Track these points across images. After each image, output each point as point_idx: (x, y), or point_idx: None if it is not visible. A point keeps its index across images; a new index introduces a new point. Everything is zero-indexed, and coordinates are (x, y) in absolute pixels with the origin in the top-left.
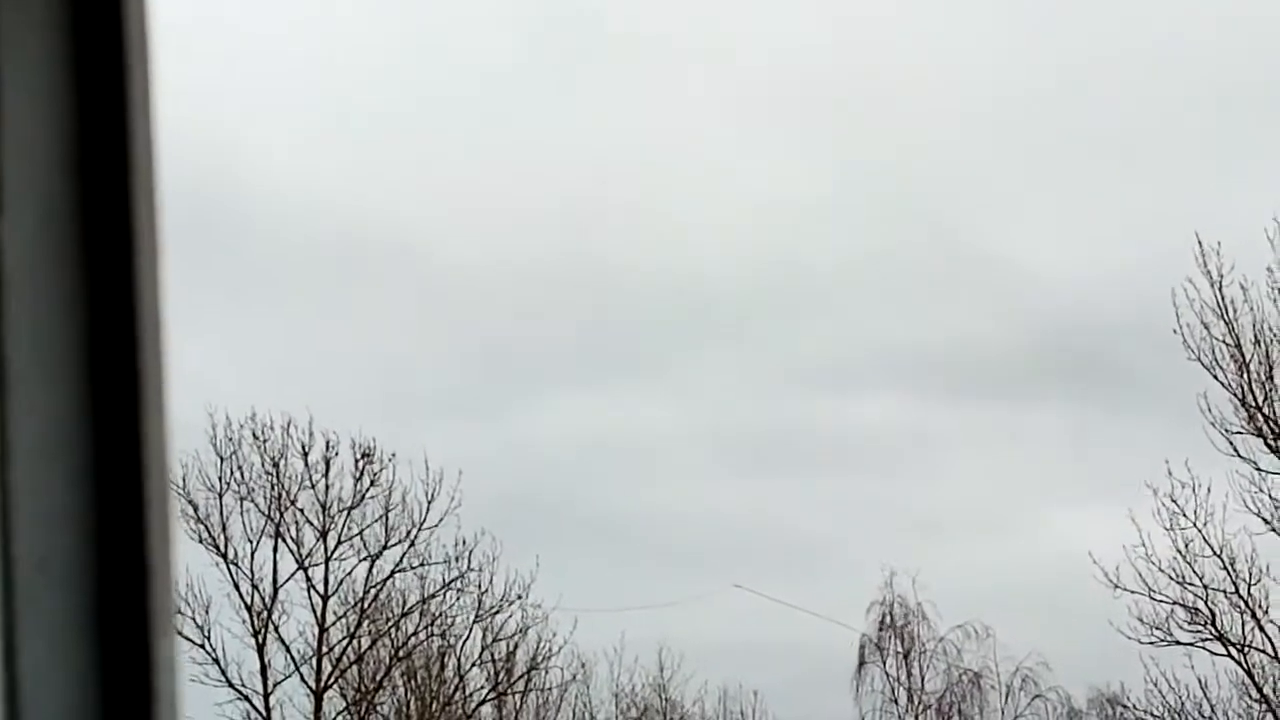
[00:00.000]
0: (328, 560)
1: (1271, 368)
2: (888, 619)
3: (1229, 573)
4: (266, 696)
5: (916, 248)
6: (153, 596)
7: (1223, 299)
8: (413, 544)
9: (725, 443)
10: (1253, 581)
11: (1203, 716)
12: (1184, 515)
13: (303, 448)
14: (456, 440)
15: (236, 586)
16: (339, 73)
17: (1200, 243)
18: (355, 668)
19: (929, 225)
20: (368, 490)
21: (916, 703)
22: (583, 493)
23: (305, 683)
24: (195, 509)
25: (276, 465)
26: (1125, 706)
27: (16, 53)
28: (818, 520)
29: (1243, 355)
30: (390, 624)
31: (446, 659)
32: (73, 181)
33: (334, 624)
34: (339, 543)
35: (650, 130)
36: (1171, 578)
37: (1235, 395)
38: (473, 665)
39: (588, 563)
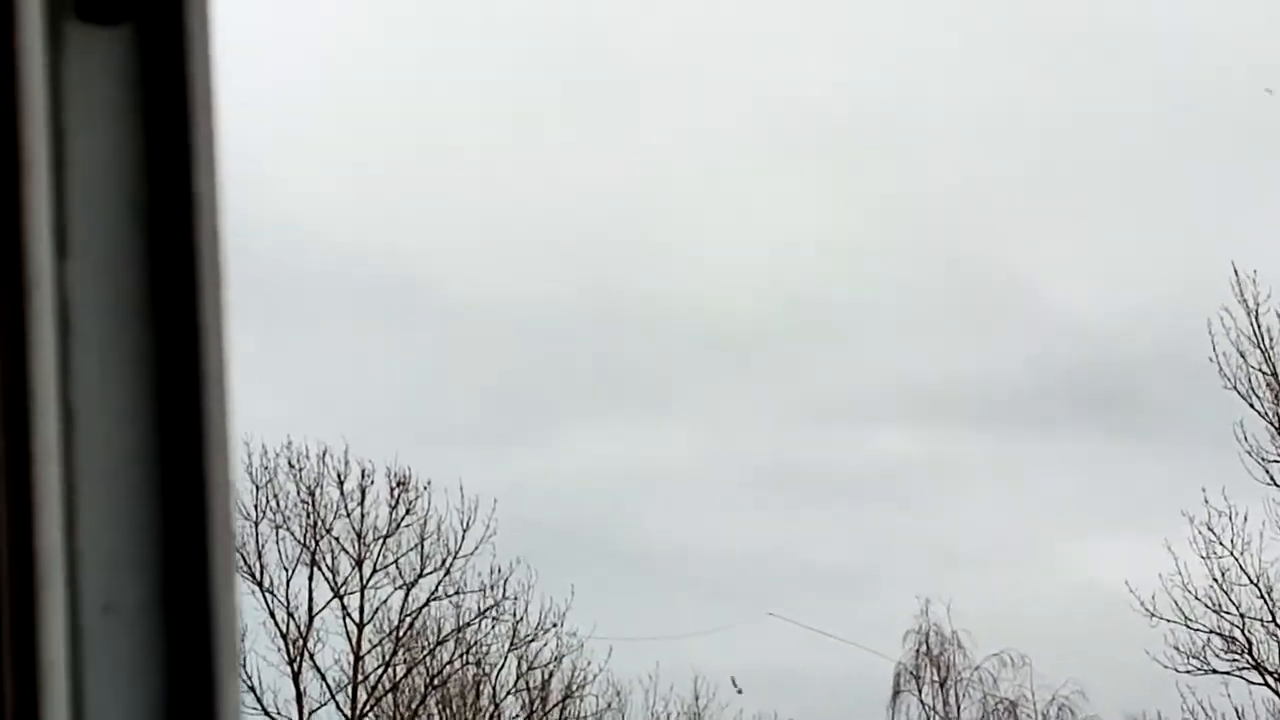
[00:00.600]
0: (363, 588)
1: None
2: (923, 647)
3: (1266, 601)
4: None
5: (935, 281)
6: (217, 638)
7: (1259, 327)
8: (448, 572)
9: (745, 475)
10: None
11: None
12: (1220, 543)
13: (338, 476)
14: (478, 472)
15: (272, 614)
16: (355, 108)
17: (1236, 271)
18: (390, 696)
19: (948, 259)
20: (403, 519)
21: None
22: (605, 524)
23: (341, 711)
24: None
25: (312, 494)
26: None
27: (82, 95)
28: (842, 551)
29: (1279, 384)
30: (425, 652)
31: (482, 687)
32: (138, 227)
33: (369, 652)
34: (374, 571)
35: (667, 165)
36: (1208, 606)
37: (1272, 424)
38: (508, 694)
39: (615, 592)
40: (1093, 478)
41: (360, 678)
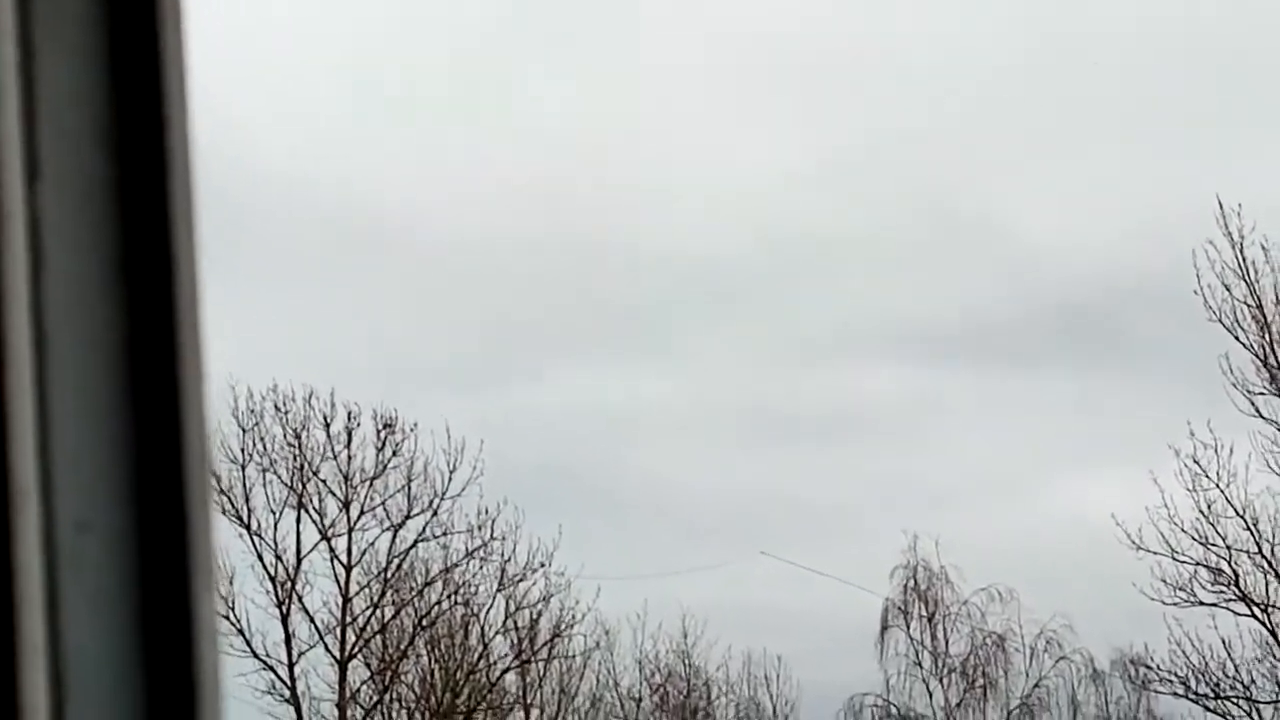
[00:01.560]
0: (350, 531)
1: None
2: (911, 583)
3: (1252, 532)
4: (291, 666)
5: (914, 219)
6: (193, 558)
7: (1244, 260)
8: (435, 513)
9: (729, 415)
10: (1276, 541)
11: (1227, 676)
12: (1206, 476)
13: (324, 419)
14: (459, 413)
15: (260, 558)
16: (328, 51)
17: (1220, 204)
18: (379, 637)
19: (931, 197)
20: (390, 460)
21: (941, 666)
22: (590, 465)
23: (329, 653)
24: (218, 481)
25: (298, 437)
26: (1149, 667)
27: (50, 19)
28: (831, 490)
29: (1264, 316)
30: (414, 594)
31: (470, 628)
32: (109, 151)
33: (357, 594)
34: (361, 513)
35: (641, 104)
36: (1194, 538)
37: (1257, 356)
38: (496, 634)
39: (602, 532)
40: (1077, 412)
41: (348, 619)
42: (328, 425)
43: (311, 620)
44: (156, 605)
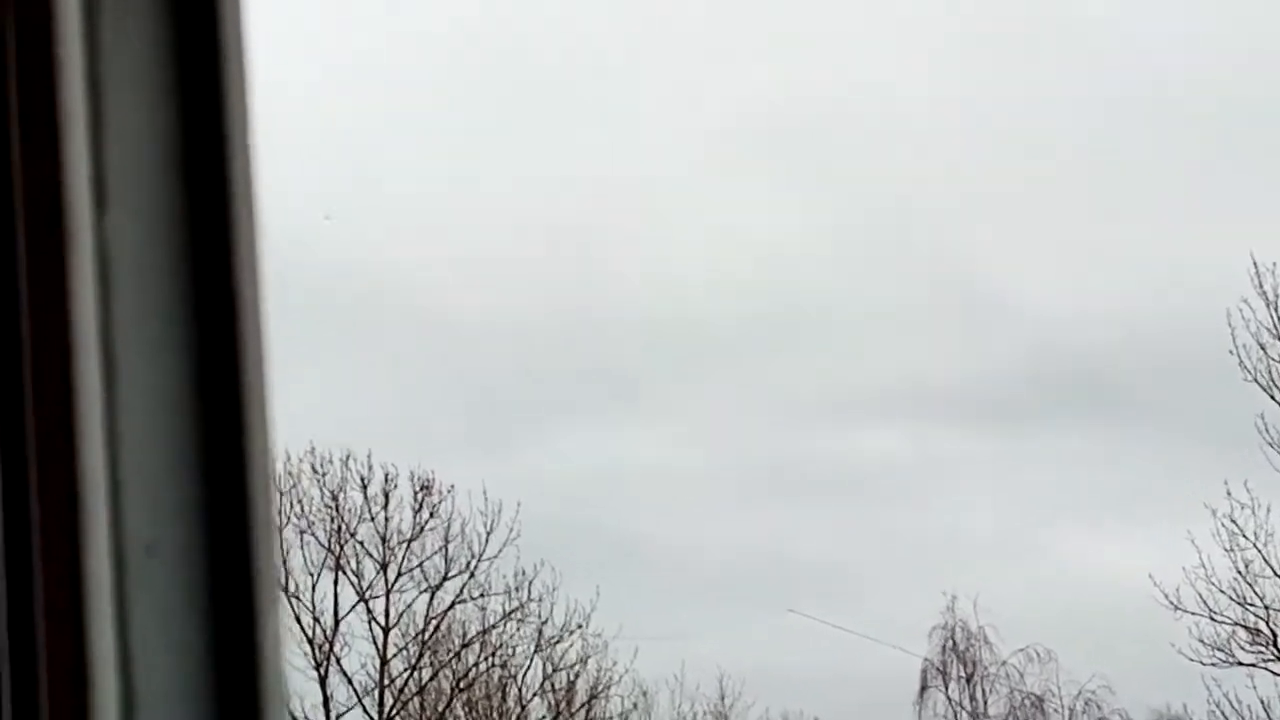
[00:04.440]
0: (388, 592)
1: None
2: (950, 643)
3: None
4: None
5: (914, 282)
6: (258, 575)
7: (1278, 319)
8: (472, 575)
9: (735, 476)
10: None
11: None
12: (1243, 535)
13: (361, 480)
14: (465, 480)
15: (298, 619)
16: (319, 110)
17: (1255, 262)
18: (417, 699)
19: (925, 259)
20: (427, 522)
21: None
22: (600, 528)
23: (368, 714)
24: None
25: (335, 498)
26: None
27: (118, 46)
28: (844, 550)
29: None
30: (451, 655)
31: (508, 689)
32: (175, 180)
33: (395, 656)
34: (399, 575)
35: (642, 169)
36: (1232, 598)
37: None
38: (534, 695)
39: (626, 593)
40: (1087, 472)
41: (386, 681)
42: (365, 487)
43: (350, 682)
44: (223, 623)
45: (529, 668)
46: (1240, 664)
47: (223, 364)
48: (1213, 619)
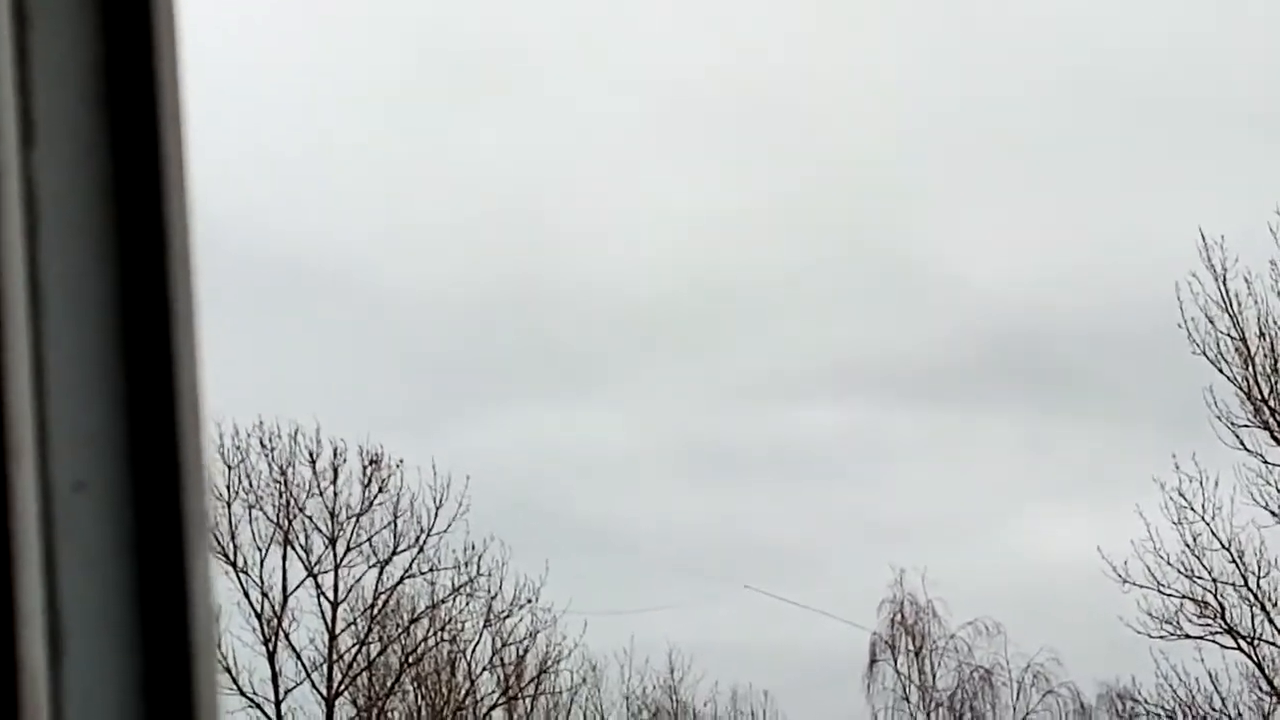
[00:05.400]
0: (337, 567)
1: (1277, 361)
2: (898, 617)
3: (1238, 566)
4: (278, 704)
5: (847, 258)
6: (188, 518)
7: (1227, 293)
8: (421, 549)
9: (680, 453)
10: (1261, 574)
11: (1213, 710)
12: (1191, 509)
13: (310, 455)
14: (412, 456)
15: (246, 594)
16: (258, 100)
17: (1204, 237)
18: (366, 674)
19: (865, 237)
20: (376, 496)
21: (928, 700)
22: (552, 503)
23: (316, 690)
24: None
25: (284, 473)
26: (1136, 701)
27: None
28: (788, 527)
29: (1248, 349)
30: (400, 630)
31: (457, 664)
32: (103, 117)
33: (344, 631)
34: (348, 549)
35: (582, 150)
36: (1180, 571)
37: (1241, 389)
38: (483, 670)
39: (576, 569)
40: (1032, 448)
41: (335, 656)
42: (314, 461)
43: (298, 657)
44: (152, 565)
45: (478, 642)
46: (1188, 637)
47: (152, 302)
48: (1161, 592)
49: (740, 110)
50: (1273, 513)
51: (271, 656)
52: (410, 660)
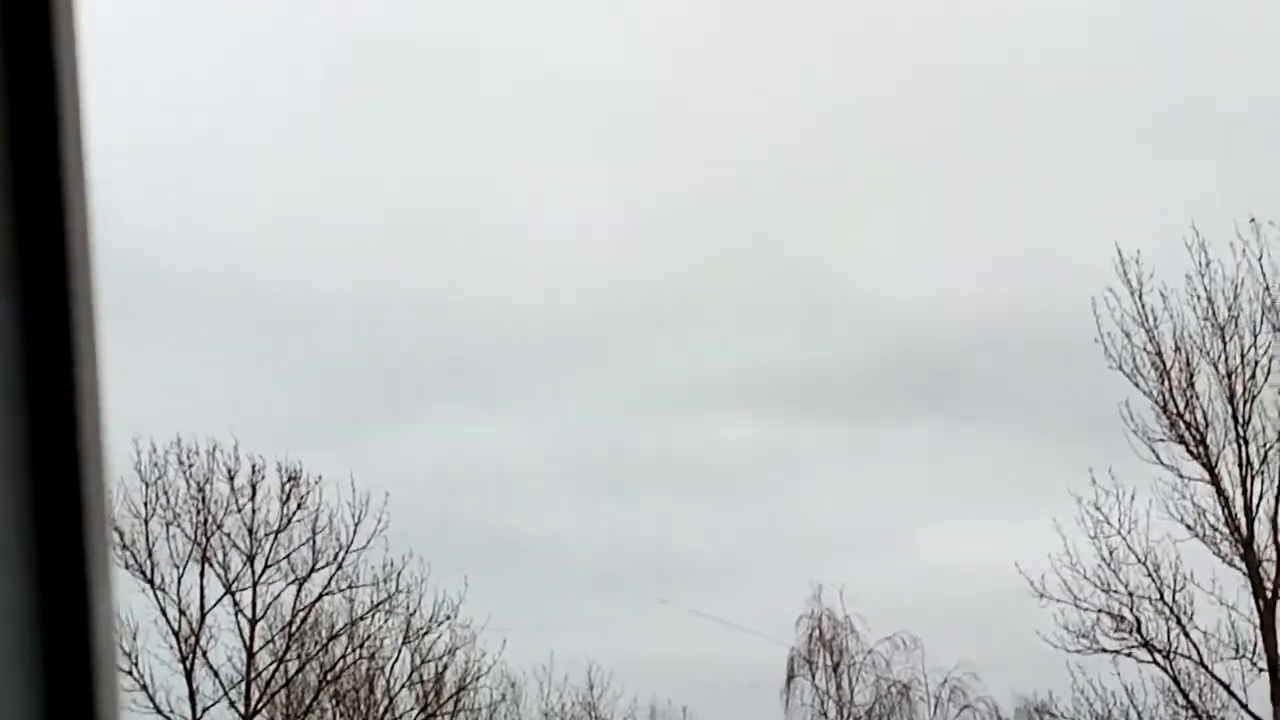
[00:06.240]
0: (255, 584)
1: (1192, 375)
2: (817, 632)
3: (1154, 579)
4: None
5: (764, 271)
6: (90, 532)
7: (1143, 307)
8: (340, 566)
9: (593, 468)
10: (1177, 588)
11: None
12: (1108, 523)
13: (229, 472)
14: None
15: (164, 612)
16: (158, 100)
17: (1120, 252)
18: (284, 692)
19: (775, 249)
20: (294, 513)
21: (846, 715)
22: (465, 519)
23: (234, 707)
24: (121, 535)
25: (202, 490)
26: (1053, 715)
27: None
28: (702, 541)
29: (1164, 363)
30: (319, 648)
31: (375, 681)
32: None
33: (262, 648)
34: (266, 566)
35: (490, 162)
36: (1096, 585)
37: (1157, 403)
38: (402, 687)
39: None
40: (948, 461)
41: (253, 674)
42: (232, 478)
43: (216, 675)
44: (53, 579)
45: (397, 659)
46: (1105, 650)
47: (53, 317)
48: (1077, 606)
49: (648, 122)
50: (1188, 526)
51: (189, 674)
52: (329, 678)
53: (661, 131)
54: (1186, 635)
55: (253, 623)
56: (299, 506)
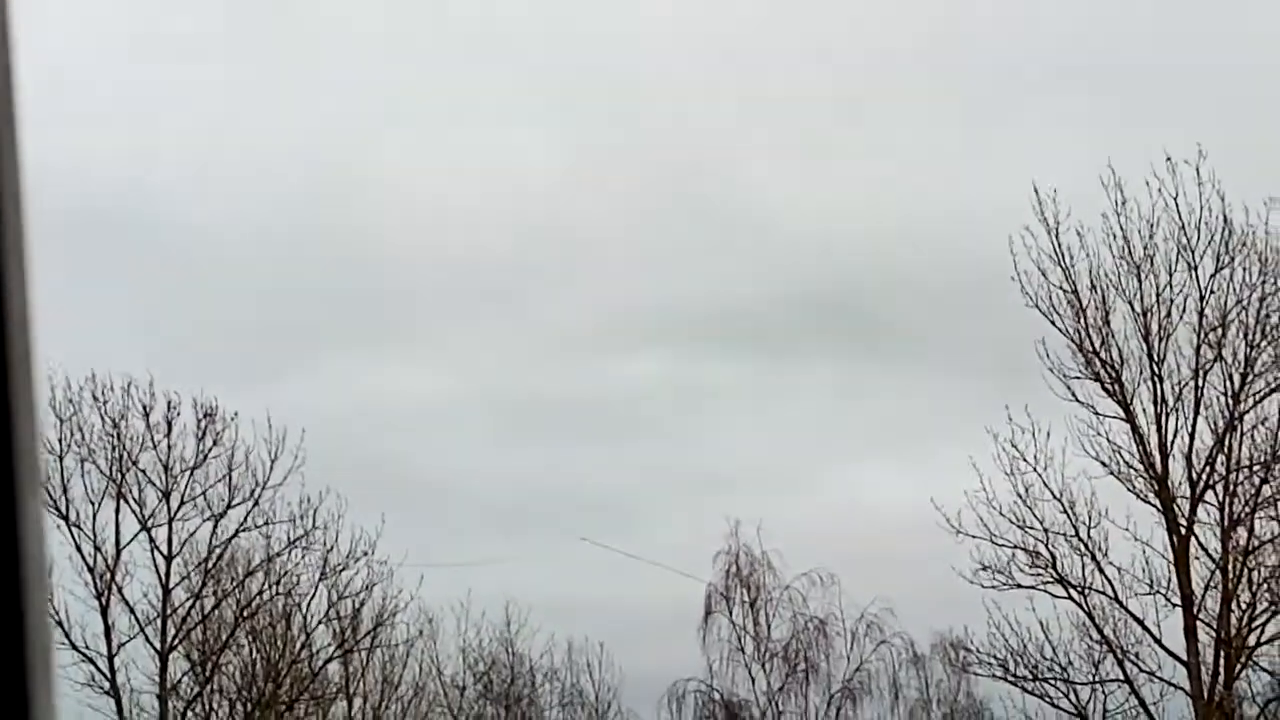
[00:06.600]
0: (171, 521)
1: (1108, 313)
2: (734, 568)
3: (1069, 516)
4: (111, 658)
5: (671, 213)
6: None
7: (1060, 246)
8: (257, 503)
9: (500, 407)
10: (1092, 524)
11: (1044, 658)
12: (1024, 460)
13: (144, 408)
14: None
15: (79, 548)
16: (83, 37)
17: (1037, 190)
18: (200, 628)
19: (682, 190)
20: (210, 450)
21: (763, 650)
22: (380, 456)
23: (150, 644)
24: None
25: (117, 426)
26: (969, 650)
27: None
28: (611, 479)
29: (1080, 301)
30: (235, 584)
31: (292, 617)
32: None
33: (178, 585)
34: (182, 503)
35: (402, 104)
36: (1012, 522)
37: (1073, 341)
38: (319, 623)
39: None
40: (862, 399)
41: (169, 610)
42: (147, 414)
43: (132, 611)
44: None
45: (314, 595)
46: (1020, 586)
47: None
48: (993, 542)
49: (558, 64)
50: (1103, 463)
51: (104, 611)
52: (245, 614)
53: (578, 75)
54: (1101, 571)
55: (169, 559)
56: (215, 443)
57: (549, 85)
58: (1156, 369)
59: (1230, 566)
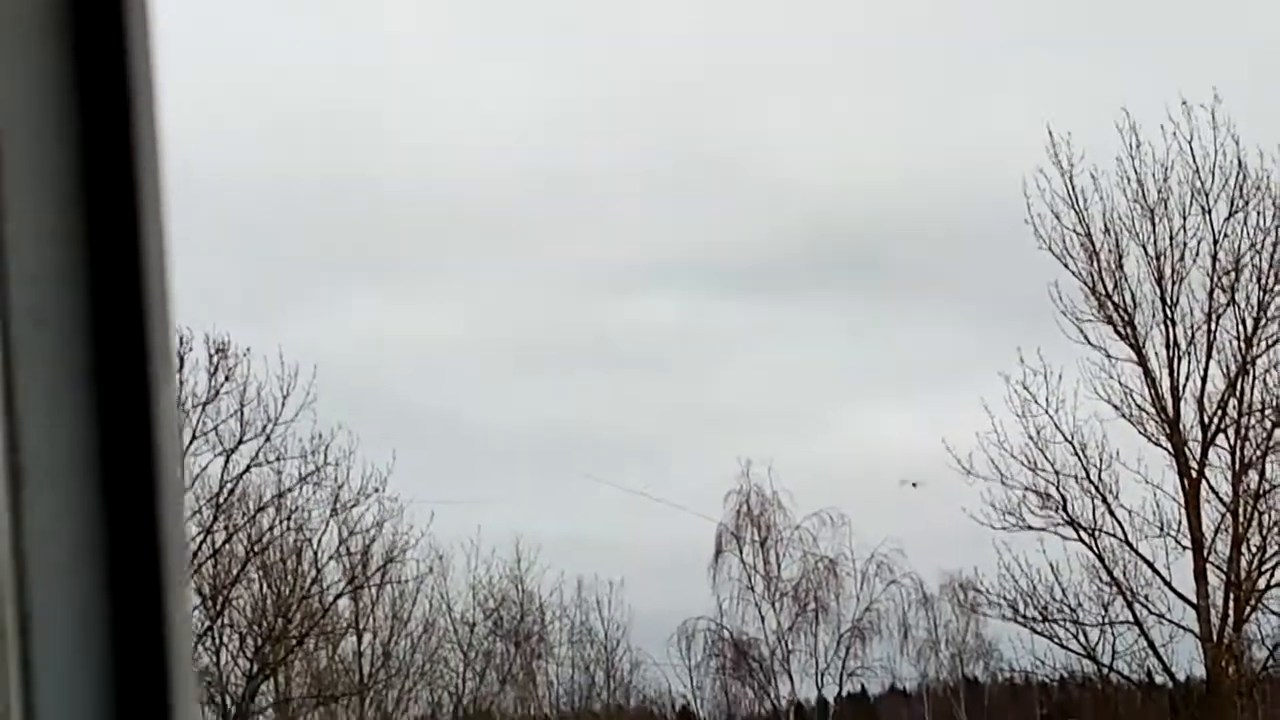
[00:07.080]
0: (183, 455)
1: (1121, 256)
2: (744, 508)
3: (1080, 458)
4: None
5: (688, 157)
6: (151, 348)
7: (1073, 188)
8: (268, 439)
9: (513, 347)
10: (1103, 466)
11: (1054, 600)
12: (1036, 402)
13: None
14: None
15: None
16: None
17: (1051, 133)
18: (211, 563)
19: (699, 134)
20: (222, 385)
21: (773, 590)
22: (393, 394)
23: None
24: None
25: None
26: (978, 591)
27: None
28: (631, 419)
29: (1093, 244)
30: (246, 519)
31: (303, 553)
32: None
33: (189, 519)
34: (194, 438)
35: (417, 46)
36: (1023, 464)
37: (1085, 284)
38: (329, 559)
39: (414, 459)
40: (877, 342)
41: None
42: None
43: None
44: (113, 390)
45: (325, 531)
46: (1030, 528)
47: (113, 132)
48: (1004, 484)
49: (573, 11)
50: (1115, 406)
51: None
52: (256, 549)
53: (592, 22)
54: (1111, 513)
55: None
56: (227, 379)
57: (570, 26)
58: (1169, 312)
59: (1241, 510)
